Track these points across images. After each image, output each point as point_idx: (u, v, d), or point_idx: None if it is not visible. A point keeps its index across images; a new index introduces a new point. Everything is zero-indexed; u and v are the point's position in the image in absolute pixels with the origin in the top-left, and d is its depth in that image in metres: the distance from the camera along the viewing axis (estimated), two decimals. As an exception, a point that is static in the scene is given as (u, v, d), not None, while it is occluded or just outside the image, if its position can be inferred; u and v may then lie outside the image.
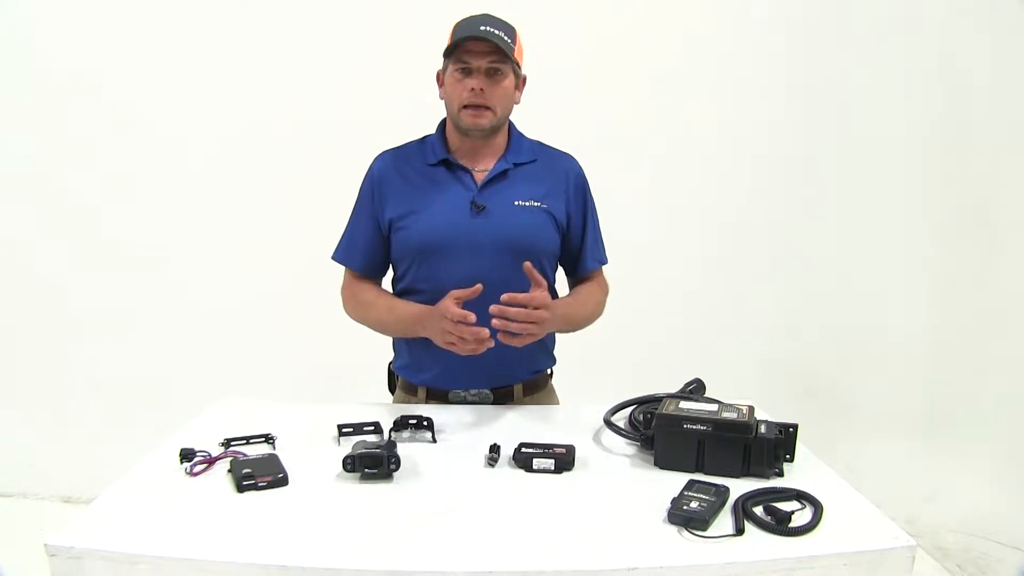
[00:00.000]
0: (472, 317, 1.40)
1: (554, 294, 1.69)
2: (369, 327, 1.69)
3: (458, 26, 1.55)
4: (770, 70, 3.21)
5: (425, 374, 1.65)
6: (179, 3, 3.12)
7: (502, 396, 1.65)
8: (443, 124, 1.67)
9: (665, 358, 2.49)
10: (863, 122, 3.19)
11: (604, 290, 1.74)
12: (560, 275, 1.74)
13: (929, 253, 3.24)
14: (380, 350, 1.88)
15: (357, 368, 3.09)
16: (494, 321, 1.40)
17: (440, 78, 1.61)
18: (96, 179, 3.19)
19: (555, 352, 1.77)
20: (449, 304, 1.43)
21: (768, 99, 3.21)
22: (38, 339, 3.26)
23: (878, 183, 3.24)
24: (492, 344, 1.43)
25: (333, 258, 1.71)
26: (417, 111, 2.00)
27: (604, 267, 1.76)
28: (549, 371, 1.77)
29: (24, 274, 3.23)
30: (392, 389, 1.79)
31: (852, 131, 3.20)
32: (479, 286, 1.43)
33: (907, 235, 3.25)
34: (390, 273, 1.74)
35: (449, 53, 1.54)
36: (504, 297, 1.40)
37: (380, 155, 1.69)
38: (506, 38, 1.52)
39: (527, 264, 1.44)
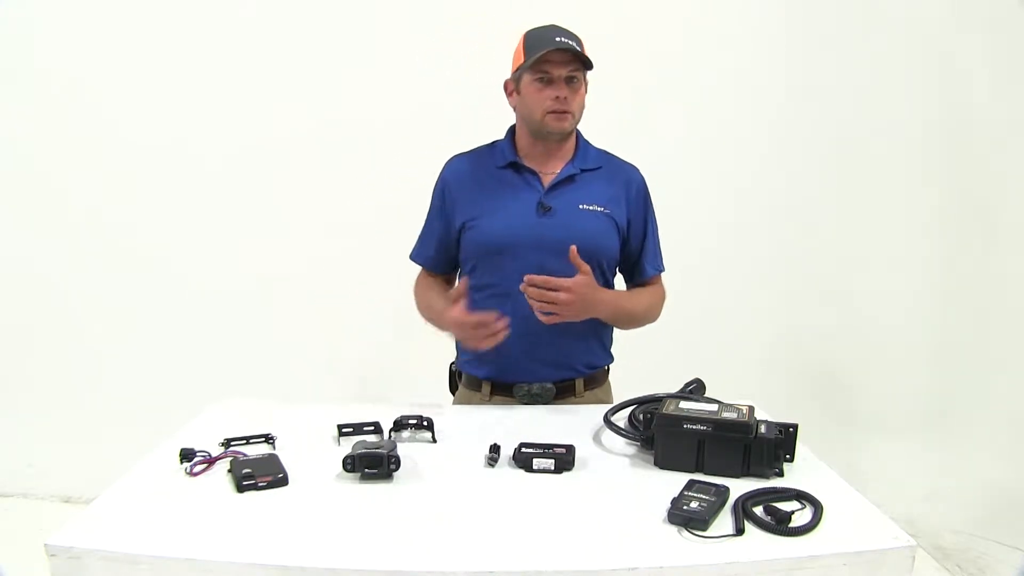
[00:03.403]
0: (476, 319, 1.50)
1: None
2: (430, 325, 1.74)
3: (531, 38, 1.60)
4: (770, 70, 3.21)
5: (488, 367, 1.69)
6: (179, 4, 3.12)
7: (564, 390, 1.68)
8: (511, 130, 1.72)
9: (665, 358, 2.49)
10: (863, 122, 3.19)
11: (660, 295, 1.79)
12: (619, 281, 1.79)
13: (929, 253, 3.24)
14: (382, 350, 1.88)
15: (358, 369, 3.11)
16: (529, 289, 1.51)
17: (509, 87, 1.66)
18: (96, 179, 3.19)
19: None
20: (452, 312, 1.52)
21: (768, 99, 3.21)
22: (38, 339, 3.27)
23: (878, 183, 3.24)
24: (506, 332, 1.51)
25: (410, 257, 1.77)
26: (417, 111, 2.01)
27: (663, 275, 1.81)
28: (606, 367, 1.80)
29: (24, 274, 3.23)
30: (453, 390, 1.83)
31: (852, 131, 3.20)
32: (462, 284, 1.54)
33: (907, 235, 3.25)
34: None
35: (529, 65, 1.58)
36: (527, 277, 1.50)
37: (451, 159, 1.75)
38: (578, 47, 1.58)
39: (573, 248, 1.51)
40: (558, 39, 1.56)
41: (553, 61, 1.56)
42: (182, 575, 1.00)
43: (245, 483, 1.17)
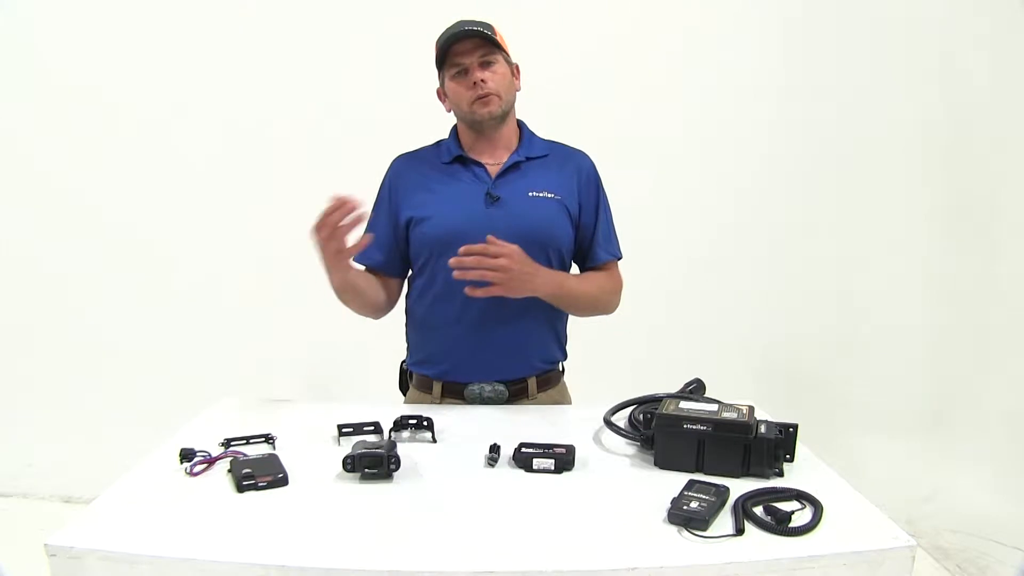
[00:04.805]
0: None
1: None
2: (345, 301, 1.66)
3: (440, 40, 1.62)
4: (770, 70, 3.21)
5: (438, 367, 1.67)
6: (179, 4, 3.12)
7: (517, 392, 1.67)
8: (455, 127, 1.72)
9: (665, 358, 2.49)
10: (863, 122, 3.19)
11: (614, 280, 1.75)
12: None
13: (929, 253, 3.24)
14: (383, 351, 1.88)
15: (360, 368, 3.11)
16: (455, 273, 1.47)
17: (440, 94, 1.67)
18: (96, 179, 3.19)
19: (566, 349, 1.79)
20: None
21: (768, 99, 3.21)
22: (38, 339, 3.27)
23: (878, 183, 3.24)
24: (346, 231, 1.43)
25: (352, 259, 1.70)
26: (416, 110, 2.01)
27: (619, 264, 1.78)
28: (560, 366, 1.78)
29: (24, 274, 3.23)
30: (404, 390, 1.80)
31: (852, 131, 3.20)
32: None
33: (907, 235, 3.25)
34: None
35: (441, 63, 1.61)
36: (461, 249, 1.46)
37: (397, 157, 1.75)
38: (486, 31, 1.59)
39: (490, 237, 1.48)
40: (462, 28, 1.58)
41: (462, 51, 1.58)
42: (182, 575, 1.00)
43: (245, 483, 1.17)
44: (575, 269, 1.76)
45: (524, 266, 1.51)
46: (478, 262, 1.46)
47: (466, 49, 1.57)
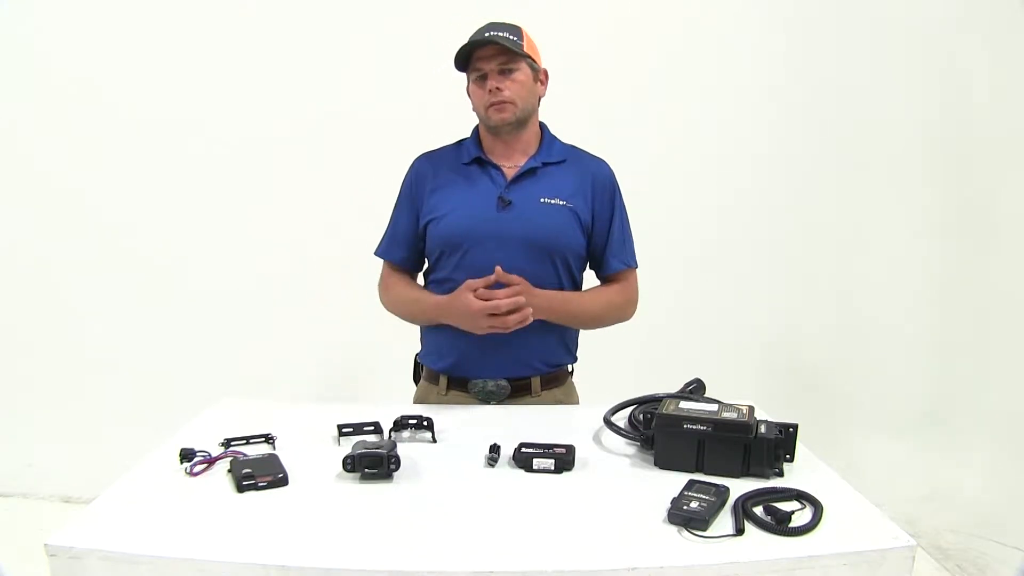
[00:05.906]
0: (499, 300, 1.52)
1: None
2: (401, 317, 1.76)
3: (469, 40, 1.63)
4: (770, 70, 3.21)
5: (445, 361, 1.70)
6: (180, 3, 3.12)
7: (520, 388, 1.68)
8: (477, 128, 1.74)
9: (665, 358, 2.49)
10: (863, 122, 3.19)
11: (626, 292, 1.75)
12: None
13: (929, 252, 3.24)
14: (383, 351, 1.88)
15: (361, 367, 3.11)
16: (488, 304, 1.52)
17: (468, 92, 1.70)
18: (97, 179, 3.19)
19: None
20: (469, 299, 1.53)
21: (768, 99, 3.21)
22: (38, 339, 3.26)
23: (878, 183, 3.24)
24: (531, 313, 1.54)
25: (376, 254, 1.78)
26: (417, 112, 2.02)
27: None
28: (569, 367, 1.79)
29: (24, 274, 3.23)
30: (417, 380, 1.84)
31: (852, 131, 3.21)
32: (493, 276, 1.53)
33: (907, 234, 3.25)
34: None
35: (463, 67, 1.64)
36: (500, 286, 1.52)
37: (418, 156, 1.78)
38: (511, 37, 1.60)
39: (498, 268, 1.53)
40: (487, 34, 1.59)
41: (483, 57, 1.60)
42: (182, 575, 1.00)
43: (245, 483, 1.17)
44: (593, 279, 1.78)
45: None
46: (515, 303, 1.52)
47: (487, 55, 1.60)
